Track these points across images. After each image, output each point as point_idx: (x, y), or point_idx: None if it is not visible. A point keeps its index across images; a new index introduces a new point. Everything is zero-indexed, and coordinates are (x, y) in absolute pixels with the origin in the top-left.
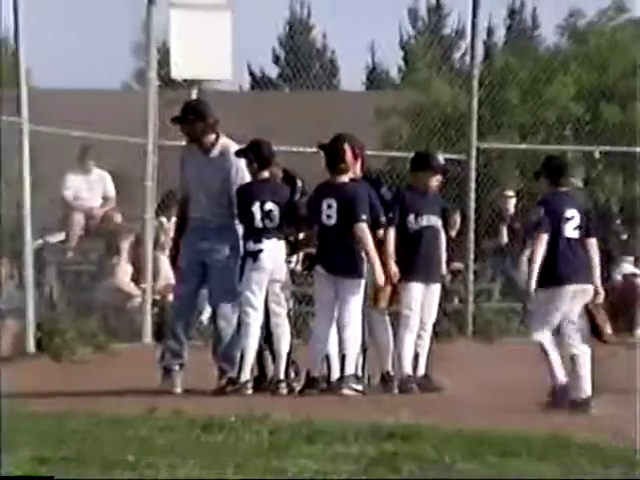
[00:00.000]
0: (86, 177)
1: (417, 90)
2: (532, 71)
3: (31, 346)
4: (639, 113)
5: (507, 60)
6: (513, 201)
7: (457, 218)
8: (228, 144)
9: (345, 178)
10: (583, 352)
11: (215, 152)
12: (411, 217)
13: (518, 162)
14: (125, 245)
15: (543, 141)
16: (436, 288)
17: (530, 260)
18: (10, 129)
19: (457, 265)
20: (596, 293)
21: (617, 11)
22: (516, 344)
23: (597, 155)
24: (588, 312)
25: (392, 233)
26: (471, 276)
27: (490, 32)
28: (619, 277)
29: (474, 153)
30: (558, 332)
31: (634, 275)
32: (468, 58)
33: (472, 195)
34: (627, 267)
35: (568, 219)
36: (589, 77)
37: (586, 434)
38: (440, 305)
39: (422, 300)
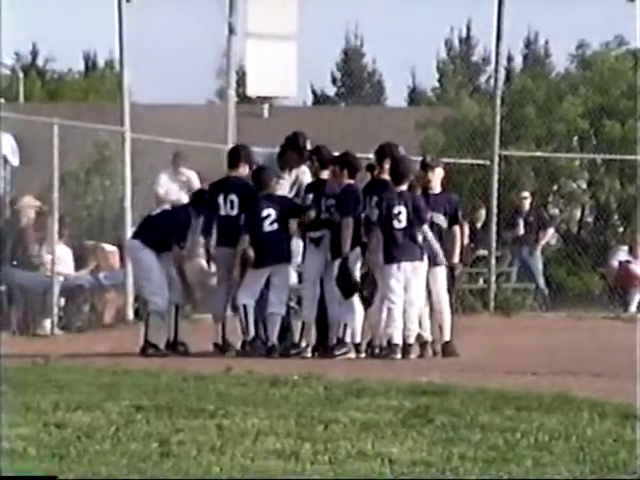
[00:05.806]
0: (176, 176)
1: (450, 106)
2: (546, 92)
3: (130, 315)
4: (636, 128)
5: (524, 83)
6: (528, 200)
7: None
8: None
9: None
10: None
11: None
12: None
13: (533, 167)
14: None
15: (555, 150)
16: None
17: None
18: (115, 137)
19: (482, 252)
20: None
21: (618, 43)
22: (529, 318)
23: (599, 162)
24: None
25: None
26: (493, 261)
27: (510, 59)
28: (616, 263)
29: (497, 159)
30: None
31: (628, 261)
32: (492, 80)
33: (495, 194)
34: (622, 255)
35: None
36: (594, 97)
37: (586, 392)
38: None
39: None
